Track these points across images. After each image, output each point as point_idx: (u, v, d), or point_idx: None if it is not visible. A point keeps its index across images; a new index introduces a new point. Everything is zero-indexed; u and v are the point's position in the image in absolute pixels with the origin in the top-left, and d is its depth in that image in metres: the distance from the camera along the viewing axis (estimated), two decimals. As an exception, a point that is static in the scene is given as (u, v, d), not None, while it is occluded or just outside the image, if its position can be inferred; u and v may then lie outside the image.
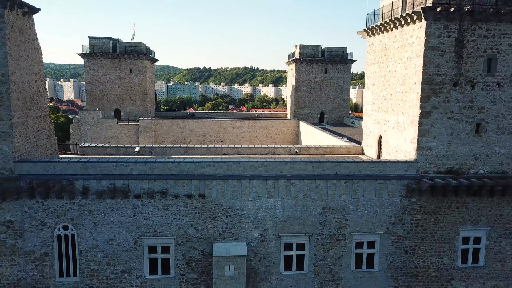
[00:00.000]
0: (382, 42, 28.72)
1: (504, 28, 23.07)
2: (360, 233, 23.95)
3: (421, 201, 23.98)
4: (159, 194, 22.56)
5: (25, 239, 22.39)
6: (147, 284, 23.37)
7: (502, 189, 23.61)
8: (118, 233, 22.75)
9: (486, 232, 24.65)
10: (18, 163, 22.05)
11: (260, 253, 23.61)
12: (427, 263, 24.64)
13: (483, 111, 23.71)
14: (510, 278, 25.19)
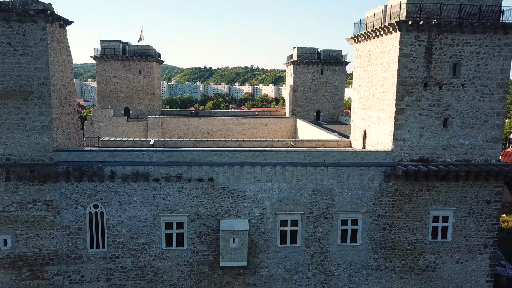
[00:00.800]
0: (366, 48, 32.88)
1: (466, 38, 27.20)
2: (344, 212, 28.13)
3: (396, 185, 28.15)
4: (174, 178, 26.76)
5: (62, 215, 26.60)
6: (164, 255, 27.57)
7: (465, 175, 27.74)
8: (139, 211, 26.95)
9: (453, 212, 28.81)
10: (56, 151, 26.26)
11: (259, 228, 27.80)
12: (402, 238, 28.81)
13: (450, 108, 27.85)
14: (473, 251, 29.35)
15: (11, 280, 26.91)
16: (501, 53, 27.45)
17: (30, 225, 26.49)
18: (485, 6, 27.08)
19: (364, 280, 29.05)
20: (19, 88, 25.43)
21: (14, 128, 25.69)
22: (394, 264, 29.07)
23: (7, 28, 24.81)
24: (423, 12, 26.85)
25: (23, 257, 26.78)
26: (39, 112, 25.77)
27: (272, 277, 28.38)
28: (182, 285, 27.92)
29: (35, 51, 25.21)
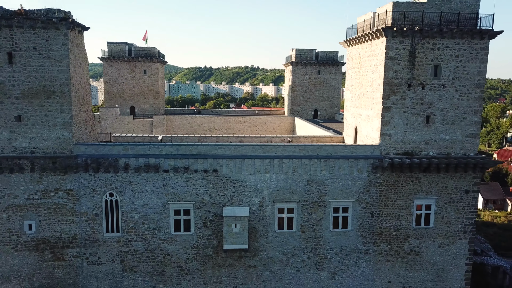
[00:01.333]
0: (357, 52, 35.72)
1: (446, 43, 30.04)
2: (336, 201, 30.99)
3: (383, 176, 31.00)
4: (182, 169, 29.63)
5: (81, 203, 29.48)
6: (172, 239, 30.44)
7: (446, 167, 30.63)
8: (151, 199, 29.82)
9: (435, 201, 31.66)
10: (76, 145, 29.13)
11: (259, 215, 30.67)
12: (389, 225, 31.68)
13: (431, 106, 30.70)
14: (454, 236, 32.19)
15: (35, 261, 29.79)
16: (478, 56, 30.29)
17: (52, 212, 29.37)
18: (463, 14, 29.92)
19: (354, 263, 31.92)
20: (43, 88, 28.30)
21: (38, 124, 28.56)
22: (382, 248, 31.94)
23: (32, 34, 27.67)
24: (407, 19, 29.70)
25: (46, 240, 29.67)
26: (61, 109, 28.63)
27: (270, 260, 31.27)
28: (189, 267, 30.80)
29: (57, 55, 28.08)
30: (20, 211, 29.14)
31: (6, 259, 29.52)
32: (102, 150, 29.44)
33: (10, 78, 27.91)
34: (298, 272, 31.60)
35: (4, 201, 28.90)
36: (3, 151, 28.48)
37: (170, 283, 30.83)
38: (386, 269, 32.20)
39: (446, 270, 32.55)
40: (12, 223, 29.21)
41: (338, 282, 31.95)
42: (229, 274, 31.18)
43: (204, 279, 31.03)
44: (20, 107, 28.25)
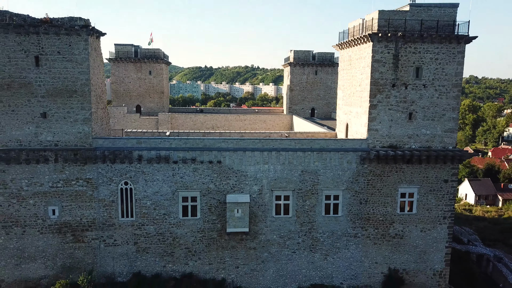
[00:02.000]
0: (348, 54, 39.14)
1: (426, 47, 33.43)
2: (328, 189, 34.41)
3: (370, 167, 34.42)
4: (189, 161, 33.06)
5: (99, 190, 32.92)
6: (181, 223, 33.88)
7: (426, 158, 34.05)
8: (161, 187, 33.26)
9: (417, 189, 35.07)
10: (94, 139, 32.58)
11: (258, 202, 34.10)
12: (375, 211, 35.10)
13: (414, 104, 34.10)
14: (434, 222, 35.60)
15: (58, 243, 33.24)
16: (455, 59, 33.69)
17: (73, 198, 32.82)
18: (442, 21, 33.33)
19: (344, 245, 35.34)
20: (65, 87, 31.72)
21: (61, 120, 31.99)
22: (369, 232, 35.36)
23: (57, 40, 31.09)
24: (391, 26, 33.10)
25: (68, 224, 33.12)
26: (81, 107, 32.06)
27: (269, 242, 34.70)
28: (196, 248, 34.25)
29: (78, 58, 31.51)
30: (45, 197, 32.60)
31: (32, 241, 32.98)
32: (118, 143, 32.89)
33: (37, 79, 31.34)
34: (294, 253, 35.05)
35: (31, 188, 32.36)
36: (30, 144, 31.92)
37: (179, 263, 34.28)
38: (373, 251, 35.63)
39: (428, 252, 35.97)
40: (37, 209, 32.67)
41: (330, 263, 35.39)
42: (232, 255, 34.65)
43: (209, 259, 34.48)
44: (45, 104, 31.68)
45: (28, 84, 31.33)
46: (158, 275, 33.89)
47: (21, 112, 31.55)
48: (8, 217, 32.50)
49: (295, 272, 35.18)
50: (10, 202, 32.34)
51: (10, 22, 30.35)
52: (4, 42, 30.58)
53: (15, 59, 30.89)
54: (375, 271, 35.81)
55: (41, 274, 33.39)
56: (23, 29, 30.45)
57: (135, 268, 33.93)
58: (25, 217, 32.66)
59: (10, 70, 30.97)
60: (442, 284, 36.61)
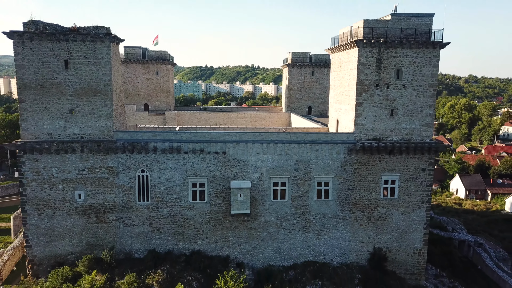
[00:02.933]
0: (338, 58, 43.84)
1: (405, 52, 38.10)
2: (319, 176, 39.12)
3: (357, 157, 39.12)
4: (198, 151, 37.78)
5: (119, 177, 37.66)
6: (191, 206, 38.61)
7: (406, 149, 38.75)
8: (174, 174, 37.99)
9: (398, 177, 39.77)
10: (115, 132, 37.31)
11: (258, 187, 38.82)
12: (361, 196, 39.80)
13: (395, 102, 38.78)
14: (414, 206, 40.25)
15: (83, 223, 38.01)
16: (431, 62, 38.36)
17: (97, 184, 37.57)
18: (419, 29, 38.03)
19: (334, 227, 40.08)
20: (90, 87, 36.45)
21: (87, 116, 36.72)
22: (356, 215, 40.08)
23: (83, 46, 35.81)
24: (374, 33, 37.79)
25: (92, 207, 37.87)
26: (104, 104, 36.78)
27: (267, 223, 39.44)
28: (203, 228, 39.00)
29: (102, 62, 36.24)
30: (72, 183, 37.36)
31: (61, 221, 37.75)
32: (136, 136, 37.64)
33: (66, 80, 36.08)
34: (290, 233, 39.80)
35: (60, 175, 37.12)
36: (59, 136, 36.67)
37: (188, 242, 39.04)
38: (360, 231, 40.35)
39: (408, 233, 40.69)
40: (66, 193, 37.43)
41: (321, 242, 40.13)
42: (235, 234, 39.39)
43: (215, 238, 39.23)
44: (73, 102, 36.42)
45: (58, 84, 36.07)
46: (170, 252, 38.64)
47: (52, 108, 36.30)
48: (40, 200, 37.29)
49: (291, 250, 39.94)
50: (42, 187, 37.12)
51: (43, 30, 35.08)
52: (38, 48, 35.31)
53: (47, 62, 35.63)
54: (361, 249, 40.55)
55: (69, 250, 38.18)
56: (55, 36, 35.17)
57: (150, 245, 38.70)
58: (55, 200, 37.44)
59: (43, 72, 35.72)
60: (421, 261, 41.33)
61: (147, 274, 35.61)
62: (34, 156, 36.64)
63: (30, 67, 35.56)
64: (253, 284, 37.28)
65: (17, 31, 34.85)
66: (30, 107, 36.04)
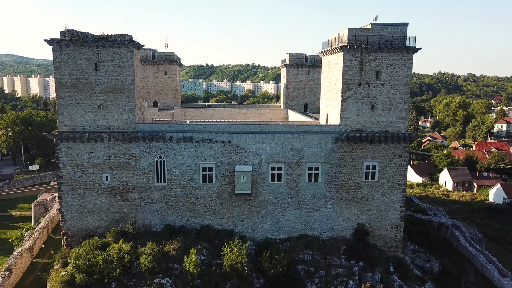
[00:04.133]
0: (328, 60, 50.48)
1: (384, 55, 44.66)
2: (310, 162, 45.80)
3: (342, 145, 45.78)
4: (207, 140, 44.47)
5: (140, 162, 44.37)
6: (201, 187, 45.32)
7: (384, 139, 45.40)
8: (187, 160, 44.68)
9: (378, 162, 46.43)
10: (137, 124, 44.01)
11: (258, 171, 45.51)
12: (346, 179, 46.48)
13: (375, 98, 45.39)
14: (391, 187, 46.91)
15: (109, 202, 44.74)
16: (406, 65, 44.95)
17: (121, 168, 44.28)
18: (395, 36, 44.60)
19: (323, 205, 46.78)
20: (116, 86, 43.11)
21: (113, 110, 43.40)
22: (342, 195, 46.78)
23: (111, 51, 42.46)
24: (357, 40, 44.40)
25: (117, 187, 44.61)
26: (127, 100, 43.45)
27: (266, 202, 46.17)
28: (212, 206, 45.73)
29: (126, 64, 42.90)
30: (100, 167, 44.09)
31: (90, 199, 44.50)
32: (154, 127, 44.36)
33: (96, 80, 42.76)
34: (285, 210, 46.54)
35: (90, 160, 43.85)
36: (90, 127, 43.39)
37: (199, 217, 45.79)
38: (345, 209, 47.06)
39: (387, 211, 47.40)
40: (95, 176, 44.17)
41: (312, 218, 46.86)
42: (238, 211, 46.13)
43: (221, 215, 45.98)
44: (102, 98, 43.11)
45: (89, 83, 42.76)
46: (183, 226, 45.39)
47: (84, 104, 43.01)
48: (73, 182, 44.05)
49: (286, 225, 46.69)
50: (75, 170, 43.89)
51: (77, 38, 41.78)
52: (73, 53, 42.02)
53: (80, 65, 42.33)
54: (347, 225, 47.27)
55: (97, 224, 44.96)
56: (87, 43, 41.87)
57: (166, 220, 45.46)
58: (86, 182, 44.20)
59: (77, 73, 42.42)
60: (398, 235, 48.05)
61: (164, 243, 42.40)
62: (69, 144, 43.37)
63: (66, 69, 42.27)
64: (254, 253, 44.00)
65: (56, 39, 41.57)
66: (66, 103, 42.78)
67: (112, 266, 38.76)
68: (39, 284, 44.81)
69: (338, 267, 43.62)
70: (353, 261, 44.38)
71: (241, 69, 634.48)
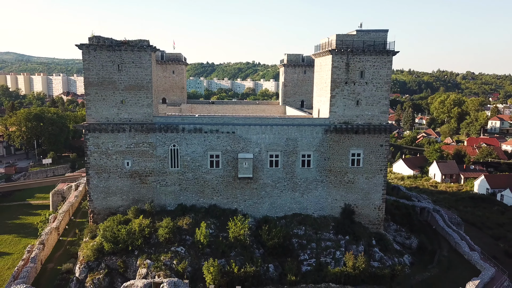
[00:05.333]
0: (319, 61, 57.48)
1: (367, 58, 51.63)
2: (303, 150, 52.85)
3: (331, 136, 52.80)
4: (214, 131, 51.54)
5: (156, 150, 51.47)
6: (209, 171, 52.41)
7: (368, 130, 52.45)
8: (197, 148, 51.77)
9: (363, 150, 53.48)
10: (154, 117, 51.09)
11: (258, 158, 52.59)
12: (335, 165, 53.55)
13: (359, 95, 52.39)
14: (374, 172, 53.97)
15: (130, 184, 51.85)
16: (386, 66, 51.94)
17: (140, 155, 51.36)
18: (377, 41, 51.57)
19: (314, 188, 53.86)
20: (136, 84, 50.14)
21: (133, 105, 50.44)
22: (331, 179, 53.86)
23: (132, 54, 49.47)
24: (344, 44, 51.37)
25: (136, 172, 51.70)
26: (146, 96, 50.48)
27: (265, 184, 53.27)
28: (218, 188, 52.84)
29: (145, 66, 49.92)
30: (122, 154, 51.18)
31: (114, 182, 51.62)
32: (169, 120, 51.46)
33: (119, 79, 49.78)
34: (281, 192, 53.64)
35: (114, 148, 50.93)
36: (114, 120, 50.44)
37: (207, 198, 52.91)
38: (334, 191, 54.15)
39: (370, 193, 54.48)
40: (118, 161, 51.26)
41: (305, 199, 53.96)
42: (241, 193, 53.24)
43: (226, 195, 53.09)
44: (124, 95, 50.14)
45: (113, 82, 49.79)
46: (194, 205, 52.54)
47: (109, 99, 50.06)
48: (99, 166, 51.18)
49: (282, 204, 53.82)
50: (101, 157, 50.99)
51: (103, 43, 48.79)
52: (100, 56, 49.03)
53: (106, 66, 49.35)
54: (335, 205, 54.39)
55: (119, 204, 52.10)
56: (111, 48, 48.89)
57: (179, 200, 52.60)
58: (110, 167, 51.31)
59: (103, 74, 49.45)
60: (380, 214, 55.17)
61: (178, 219, 49.57)
62: (95, 134, 50.46)
63: (93, 70, 49.31)
64: (254, 228, 51.11)
65: (86, 44, 48.63)
66: (93, 99, 49.85)
67: (134, 237, 45.91)
68: (67, 257, 51.95)
69: (327, 241, 50.75)
70: (340, 236, 51.51)
71: (241, 67, 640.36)
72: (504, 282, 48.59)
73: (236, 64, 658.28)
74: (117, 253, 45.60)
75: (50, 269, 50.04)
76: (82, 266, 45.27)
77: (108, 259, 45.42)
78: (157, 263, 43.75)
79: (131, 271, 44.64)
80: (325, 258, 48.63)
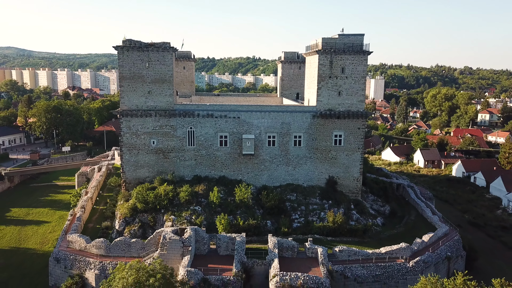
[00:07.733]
0: (309, 60, 69.59)
1: (347, 57, 63.71)
2: (295, 132, 65.12)
3: (318, 120, 65.03)
4: (224, 116, 63.80)
5: (177, 131, 63.78)
6: (219, 149, 64.72)
7: (347, 115, 64.71)
8: (209, 130, 64.08)
9: (343, 132, 65.74)
10: (175, 104, 63.36)
11: (259, 138, 64.87)
12: (321, 144, 65.85)
13: (341, 87, 64.54)
14: (353, 150, 66.21)
15: (155, 159, 64.21)
16: (362, 63, 64.02)
17: (164, 135, 63.69)
18: (355, 43, 63.60)
19: (304, 162, 66.17)
20: (161, 78, 62.29)
21: (158, 95, 62.64)
22: (317, 156, 66.18)
23: (157, 54, 61.58)
24: (328, 45, 63.42)
25: (160, 149, 64.05)
26: (168, 88, 62.67)
27: (264, 160, 65.62)
28: (226, 163, 65.17)
29: (167, 63, 62.02)
30: (149, 135, 63.50)
31: (142, 157, 64.01)
32: (187, 107, 63.76)
33: (146, 74, 61.96)
34: (277, 166, 66.01)
35: (142, 130, 63.26)
36: (142, 107, 62.70)
37: (218, 170, 65.28)
38: (320, 166, 66.47)
39: (350, 167, 66.82)
40: (145, 140, 63.61)
41: (296, 172, 66.32)
42: (245, 167, 65.62)
43: (233, 169, 65.46)
44: (150, 87, 62.34)
45: (142, 76, 61.99)
46: (207, 176, 64.96)
47: (138, 90, 62.29)
48: (130, 144, 63.54)
49: (278, 176, 66.22)
50: (132, 137, 63.34)
51: (134, 45, 60.92)
52: (131, 55, 61.19)
53: (136, 64, 61.52)
54: (321, 177, 66.77)
55: (146, 175, 64.52)
56: (141, 49, 61.03)
57: (195, 173, 65.00)
58: (139, 145, 63.67)
59: (134, 69, 61.63)
60: (358, 185, 67.57)
61: (194, 186, 61.97)
62: (127, 119, 62.74)
63: (126, 66, 61.48)
64: (256, 194, 63.48)
65: (120, 46, 60.76)
66: (126, 90, 62.08)
67: (160, 198, 58.35)
68: (103, 219, 64.34)
69: (314, 204, 63.19)
70: (325, 201, 63.94)
71: (242, 62, 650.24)
72: (454, 237, 61.09)
73: (236, 59, 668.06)
74: (148, 211, 58.10)
75: (91, 227, 62.57)
76: (121, 221, 57.83)
77: (141, 215, 57.98)
78: (180, 218, 56.26)
79: (159, 224, 57.18)
80: (312, 217, 61.09)
